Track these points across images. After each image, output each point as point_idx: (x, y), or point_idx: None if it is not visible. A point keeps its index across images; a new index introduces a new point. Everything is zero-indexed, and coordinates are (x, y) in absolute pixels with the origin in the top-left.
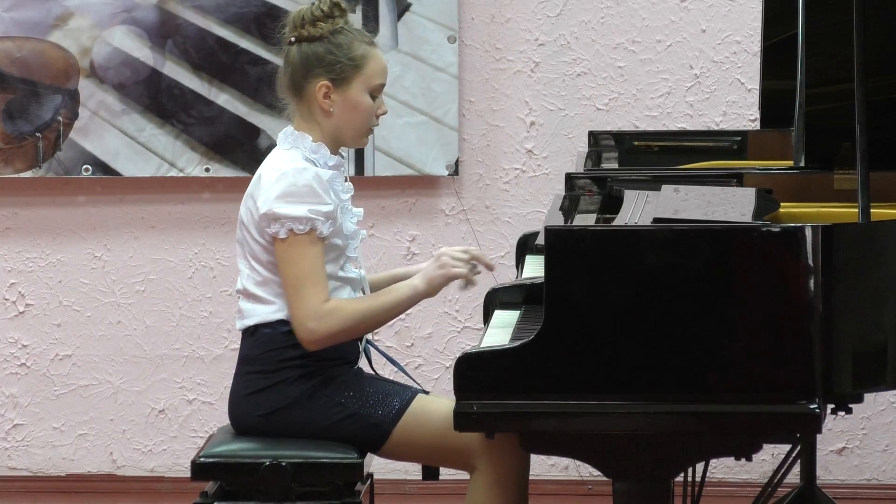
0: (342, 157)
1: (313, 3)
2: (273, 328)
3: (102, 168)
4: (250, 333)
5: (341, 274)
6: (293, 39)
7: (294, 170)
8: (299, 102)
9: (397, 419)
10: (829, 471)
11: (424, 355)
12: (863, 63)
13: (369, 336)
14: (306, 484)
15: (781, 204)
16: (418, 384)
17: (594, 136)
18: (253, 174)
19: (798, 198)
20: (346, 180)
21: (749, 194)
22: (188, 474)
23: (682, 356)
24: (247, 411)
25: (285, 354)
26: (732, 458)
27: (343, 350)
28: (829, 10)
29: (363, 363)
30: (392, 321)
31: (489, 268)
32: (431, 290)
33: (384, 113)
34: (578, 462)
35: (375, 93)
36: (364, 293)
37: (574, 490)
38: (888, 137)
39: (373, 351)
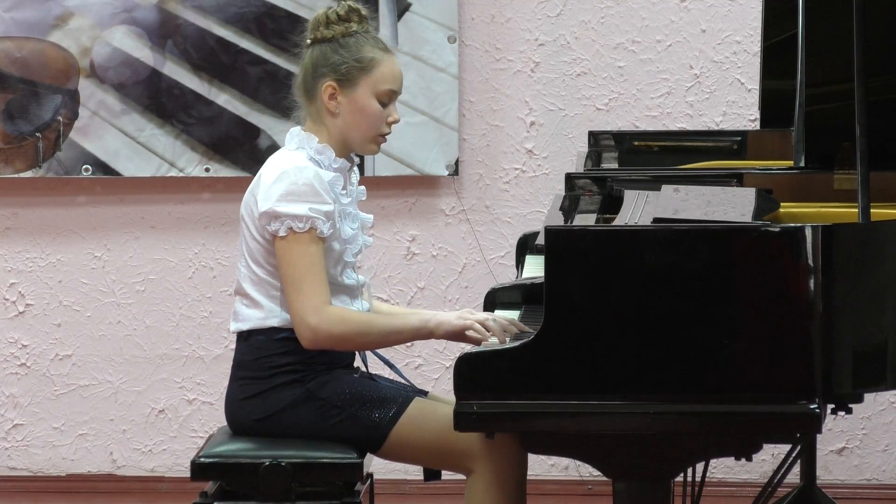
0: (351, 161)
1: (331, 7)
2: (266, 335)
3: (102, 168)
4: (244, 338)
5: (338, 280)
6: (309, 41)
7: (295, 168)
8: (309, 104)
9: (394, 421)
10: (829, 471)
11: (424, 355)
12: (863, 63)
13: None
14: (306, 484)
15: (781, 204)
16: (414, 386)
17: (594, 136)
18: (253, 174)
19: (798, 198)
20: (356, 184)
21: (749, 194)
22: (188, 474)
23: (683, 356)
24: (242, 415)
25: (278, 361)
26: (732, 458)
27: (337, 355)
28: (829, 10)
29: (359, 366)
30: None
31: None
32: (439, 331)
33: (395, 121)
34: (578, 462)
35: (384, 98)
36: (363, 299)
37: (574, 490)
38: (888, 137)
39: (369, 353)
